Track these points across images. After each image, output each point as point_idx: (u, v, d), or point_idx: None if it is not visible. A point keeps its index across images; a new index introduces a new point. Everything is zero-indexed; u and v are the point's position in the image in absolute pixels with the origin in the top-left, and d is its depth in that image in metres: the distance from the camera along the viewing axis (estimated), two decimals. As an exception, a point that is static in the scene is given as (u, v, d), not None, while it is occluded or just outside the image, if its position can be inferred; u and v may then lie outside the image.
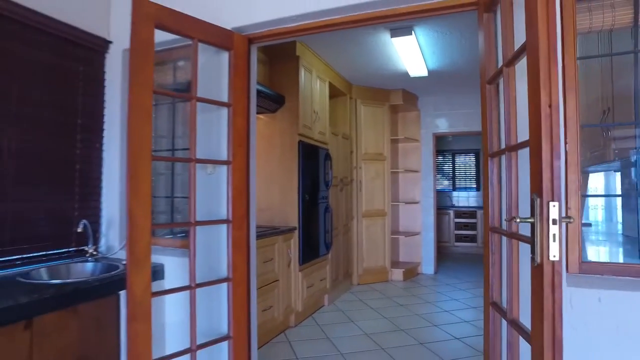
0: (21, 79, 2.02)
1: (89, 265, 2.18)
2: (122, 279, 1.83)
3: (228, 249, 2.03)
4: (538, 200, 1.06)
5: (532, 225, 1.08)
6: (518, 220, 1.09)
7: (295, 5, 1.98)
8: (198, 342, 1.87)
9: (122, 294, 1.92)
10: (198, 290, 1.91)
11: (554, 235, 1.02)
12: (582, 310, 1.43)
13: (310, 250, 3.72)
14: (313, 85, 3.85)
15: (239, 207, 2.06)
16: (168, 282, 2.16)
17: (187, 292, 1.86)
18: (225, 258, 2.04)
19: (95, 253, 2.28)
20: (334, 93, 4.59)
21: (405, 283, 5.02)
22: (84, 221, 2.25)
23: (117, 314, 1.90)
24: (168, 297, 2.07)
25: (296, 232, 3.51)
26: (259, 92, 3.25)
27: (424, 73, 4.39)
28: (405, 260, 5.60)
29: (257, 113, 3.59)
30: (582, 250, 1.53)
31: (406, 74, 4.46)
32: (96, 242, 2.35)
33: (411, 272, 5.30)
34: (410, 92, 5.29)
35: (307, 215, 3.67)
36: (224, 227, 2.05)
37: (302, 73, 3.59)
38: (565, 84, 1.54)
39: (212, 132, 2.14)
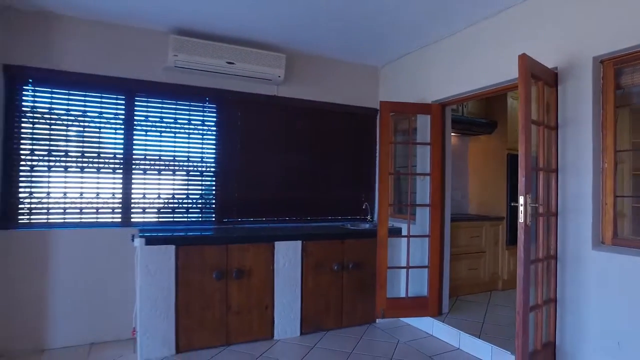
0: (335, 137, 4.43)
1: (367, 224, 4.38)
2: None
3: (429, 220, 3.78)
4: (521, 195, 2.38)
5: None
6: (512, 204, 2.42)
7: (466, 84, 3.49)
8: (410, 265, 3.74)
9: (379, 238, 3.99)
10: (412, 240, 3.78)
11: (522, 211, 2.33)
12: (600, 262, 2.44)
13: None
14: (526, 108, 4.91)
15: (435, 197, 3.77)
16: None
17: (407, 238, 3.77)
18: (428, 224, 3.81)
19: (370, 219, 4.49)
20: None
21: None
22: (366, 203, 4.49)
23: (375, 245, 3.98)
24: (403, 242, 4.00)
25: (504, 220, 4.76)
26: (475, 122, 4.77)
27: None
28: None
29: (477, 135, 5.06)
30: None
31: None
32: (372, 214, 4.56)
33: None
34: None
35: (515, 209, 4.81)
36: (427, 208, 3.82)
37: (509, 102, 4.78)
38: (606, 125, 2.52)
39: (424, 157, 3.93)
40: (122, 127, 3.63)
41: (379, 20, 3.34)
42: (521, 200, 2.35)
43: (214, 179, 3.99)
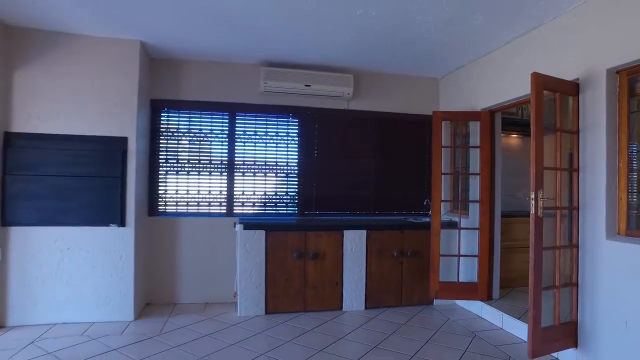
0: (400, 142, 5.06)
1: (427, 218, 4.94)
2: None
3: (479, 215, 4.25)
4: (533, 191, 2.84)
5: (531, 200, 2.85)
6: (527, 198, 2.88)
7: (509, 93, 3.89)
8: (462, 252, 4.26)
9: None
10: (467, 232, 4.29)
11: (533, 205, 2.80)
12: (612, 251, 2.79)
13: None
14: (591, 108, 5.02)
15: (484, 194, 4.22)
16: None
17: (459, 230, 4.29)
18: (477, 218, 4.28)
19: (431, 214, 5.04)
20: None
21: None
22: (427, 200, 5.06)
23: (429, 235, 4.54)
24: (457, 232, 4.51)
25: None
26: (535, 123, 5.03)
27: None
28: None
29: (540, 135, 5.27)
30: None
31: None
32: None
33: None
34: None
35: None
36: (477, 204, 4.29)
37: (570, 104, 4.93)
38: (620, 129, 2.85)
39: (476, 159, 4.39)
40: (227, 139, 4.72)
41: (421, 44, 3.94)
42: (532, 195, 2.82)
43: (297, 179, 4.90)
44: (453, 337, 3.62)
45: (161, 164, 4.55)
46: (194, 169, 4.64)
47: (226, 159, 4.72)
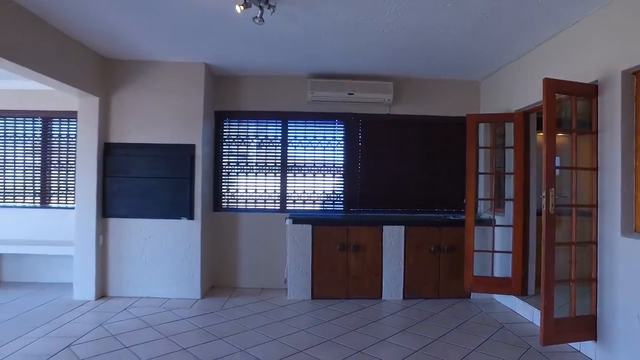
0: (440, 143, 5.30)
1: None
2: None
3: (513, 213, 4.40)
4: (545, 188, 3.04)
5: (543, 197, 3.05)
6: (540, 196, 3.08)
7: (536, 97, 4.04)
8: (498, 249, 4.45)
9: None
10: (504, 229, 4.47)
11: (544, 202, 3.00)
12: (626, 247, 2.90)
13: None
14: None
15: (518, 193, 4.37)
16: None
17: (492, 227, 4.49)
18: (512, 215, 4.43)
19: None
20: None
21: None
22: (464, 200, 5.25)
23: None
24: (495, 230, 4.68)
25: (615, 217, 4.85)
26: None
27: None
28: None
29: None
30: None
31: None
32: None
33: None
34: None
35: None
36: (511, 202, 4.44)
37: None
38: (637, 129, 2.95)
39: (511, 158, 4.54)
40: (280, 143, 5.33)
41: (452, 52, 4.22)
42: (544, 193, 3.03)
43: (342, 179, 5.38)
44: (480, 327, 3.87)
45: (224, 167, 5.28)
46: (251, 171, 5.32)
47: (279, 161, 5.33)
